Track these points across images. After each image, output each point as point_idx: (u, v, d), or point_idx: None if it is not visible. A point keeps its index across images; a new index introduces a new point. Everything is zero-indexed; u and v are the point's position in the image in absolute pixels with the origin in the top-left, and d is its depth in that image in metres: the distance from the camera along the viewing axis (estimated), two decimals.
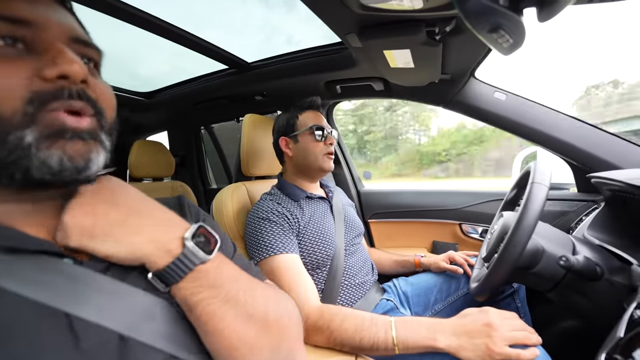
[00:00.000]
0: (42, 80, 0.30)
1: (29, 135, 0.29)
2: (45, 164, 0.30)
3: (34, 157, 0.29)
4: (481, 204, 1.41)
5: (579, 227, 0.95)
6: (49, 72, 0.30)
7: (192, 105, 1.78)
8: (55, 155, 0.30)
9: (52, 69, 0.30)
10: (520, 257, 0.63)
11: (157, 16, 1.03)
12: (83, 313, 0.32)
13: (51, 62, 0.30)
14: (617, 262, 0.66)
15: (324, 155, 0.99)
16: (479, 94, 1.18)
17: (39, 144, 0.29)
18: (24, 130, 0.29)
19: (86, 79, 0.33)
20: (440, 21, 0.76)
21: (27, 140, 0.29)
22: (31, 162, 0.29)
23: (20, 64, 0.30)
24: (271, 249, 0.80)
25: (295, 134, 1.00)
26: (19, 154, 0.29)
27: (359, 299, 0.94)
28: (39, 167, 0.29)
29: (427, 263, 1.10)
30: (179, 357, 0.36)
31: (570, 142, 1.06)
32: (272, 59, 1.35)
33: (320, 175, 1.04)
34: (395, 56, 0.91)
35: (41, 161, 0.29)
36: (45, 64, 0.30)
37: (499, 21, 0.38)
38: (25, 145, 0.29)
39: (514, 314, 0.64)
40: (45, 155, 0.29)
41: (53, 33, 0.32)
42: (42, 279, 0.31)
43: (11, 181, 0.30)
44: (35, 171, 0.29)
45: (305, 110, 1.03)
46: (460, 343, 0.60)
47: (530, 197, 0.65)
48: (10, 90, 0.28)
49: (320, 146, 0.99)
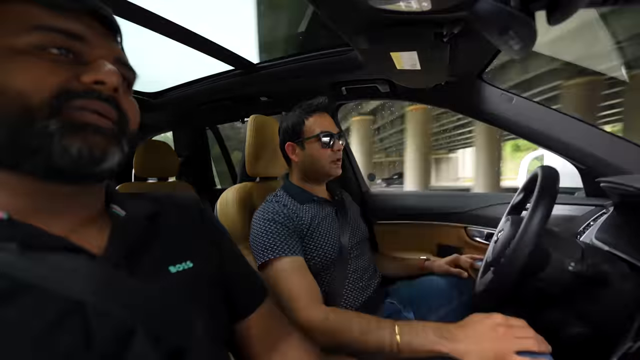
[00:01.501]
0: (78, 82, 0.34)
1: (53, 125, 0.32)
2: (66, 151, 0.32)
3: (57, 144, 0.32)
4: (487, 207, 1.39)
5: (586, 232, 0.94)
6: (87, 77, 0.34)
7: (197, 105, 1.79)
8: (75, 145, 0.33)
9: (90, 74, 0.34)
10: (527, 262, 0.62)
11: (164, 17, 1.04)
12: (97, 304, 0.33)
13: (90, 69, 0.35)
14: (626, 268, 0.65)
15: (332, 162, 0.97)
16: (486, 96, 1.17)
17: (62, 133, 0.32)
18: (49, 120, 0.32)
19: (118, 88, 0.36)
20: (448, 23, 0.75)
21: (51, 129, 0.32)
22: (53, 149, 0.32)
23: (63, 68, 0.34)
24: (276, 250, 0.80)
25: (302, 140, 0.98)
26: (43, 141, 0.32)
27: (363, 301, 0.93)
28: (60, 154, 0.32)
29: (432, 266, 1.09)
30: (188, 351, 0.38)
31: (579, 146, 1.05)
32: (278, 61, 1.35)
33: (327, 180, 1.04)
34: (401, 58, 0.91)
35: (63, 148, 0.32)
36: (84, 70, 0.34)
37: (509, 24, 0.38)
38: (48, 133, 0.32)
39: (522, 321, 0.63)
40: (67, 143, 0.32)
41: (100, 51, 0.37)
42: (59, 272, 0.33)
43: (33, 167, 0.33)
44: (56, 157, 0.32)
45: (312, 114, 1.00)
46: (466, 349, 0.59)
47: (538, 200, 0.64)
48: (42, 84, 0.32)
49: (327, 153, 0.96)
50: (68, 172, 0.34)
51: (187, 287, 0.43)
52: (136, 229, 0.42)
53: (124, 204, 0.45)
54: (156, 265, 0.41)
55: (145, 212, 0.46)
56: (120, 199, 0.45)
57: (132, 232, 0.41)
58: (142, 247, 0.42)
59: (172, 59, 1.49)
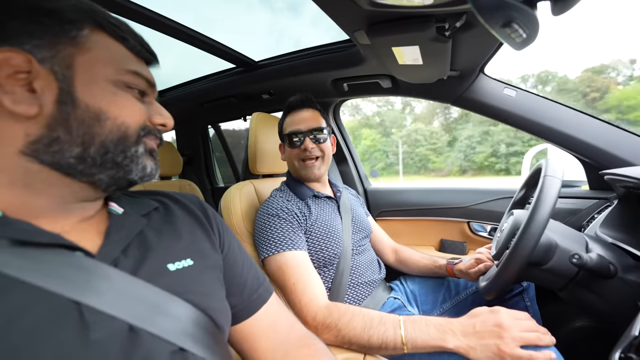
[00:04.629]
0: (151, 122, 0.43)
1: (141, 149, 0.41)
2: (143, 169, 0.42)
3: (140, 163, 0.41)
4: (489, 202, 1.39)
5: (591, 224, 0.94)
6: (158, 120, 0.44)
7: (199, 104, 1.79)
8: (150, 164, 0.43)
9: (160, 118, 0.44)
10: (534, 252, 0.62)
11: (166, 15, 1.04)
12: (94, 302, 0.33)
13: (159, 113, 0.44)
14: (630, 260, 0.65)
15: (301, 161, 0.96)
16: (488, 90, 1.16)
17: (145, 155, 0.42)
18: (138, 146, 0.40)
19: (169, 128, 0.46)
20: (450, 17, 0.75)
21: (140, 152, 0.41)
22: (136, 167, 0.41)
23: (143, 106, 0.42)
24: (280, 245, 0.81)
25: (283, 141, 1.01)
26: (132, 160, 0.40)
27: (366, 297, 0.94)
28: (139, 170, 0.41)
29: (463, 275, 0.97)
30: (188, 350, 0.38)
31: (582, 139, 1.04)
32: (280, 58, 1.35)
33: (310, 180, 0.99)
34: (403, 53, 0.91)
35: (142, 166, 0.41)
36: (154, 113, 0.44)
37: (512, 15, 0.37)
38: (138, 155, 0.40)
39: (525, 314, 0.63)
40: (147, 162, 0.42)
41: (155, 94, 0.46)
42: (54, 270, 0.33)
43: (109, 179, 0.39)
44: (134, 173, 0.41)
45: (288, 114, 0.99)
46: (470, 344, 0.60)
47: (544, 189, 0.64)
48: (137, 119, 0.40)
49: (295, 152, 0.96)
50: (132, 183, 0.42)
51: (187, 285, 0.42)
52: (133, 227, 0.42)
53: (122, 202, 0.45)
54: (154, 263, 0.41)
55: (143, 209, 0.46)
56: (118, 197, 0.46)
57: (129, 230, 0.42)
58: (140, 244, 0.42)
59: (174, 57, 1.49)
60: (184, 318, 0.39)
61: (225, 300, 0.48)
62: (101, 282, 0.35)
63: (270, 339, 0.53)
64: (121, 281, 0.36)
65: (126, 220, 0.43)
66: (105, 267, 0.36)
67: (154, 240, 0.43)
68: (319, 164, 0.96)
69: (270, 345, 0.53)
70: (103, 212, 0.43)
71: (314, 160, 0.95)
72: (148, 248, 0.42)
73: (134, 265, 0.39)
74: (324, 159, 0.98)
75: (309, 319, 0.72)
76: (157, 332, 0.36)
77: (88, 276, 0.34)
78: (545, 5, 0.37)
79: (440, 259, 1.05)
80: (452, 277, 1.01)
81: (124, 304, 0.35)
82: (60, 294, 0.32)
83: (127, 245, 0.40)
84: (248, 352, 0.53)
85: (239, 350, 0.54)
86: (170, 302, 0.39)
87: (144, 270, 0.39)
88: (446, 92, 1.23)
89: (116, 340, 0.33)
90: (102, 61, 0.37)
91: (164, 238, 0.44)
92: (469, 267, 0.94)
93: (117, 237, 0.40)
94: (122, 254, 0.39)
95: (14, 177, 0.34)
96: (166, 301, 0.39)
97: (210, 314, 0.43)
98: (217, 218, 0.55)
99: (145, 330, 0.35)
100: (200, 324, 0.41)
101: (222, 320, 0.46)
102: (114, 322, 0.34)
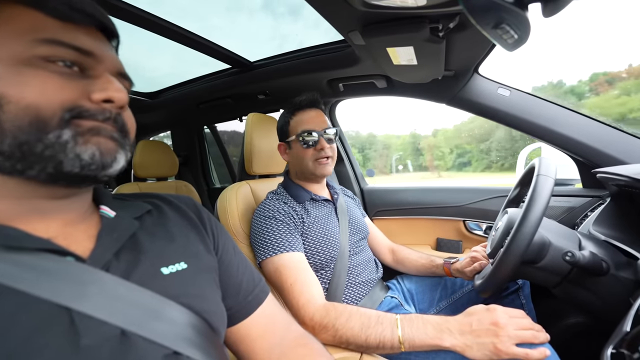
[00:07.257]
0: (88, 100, 0.35)
1: (67, 134, 0.33)
2: (78, 157, 0.34)
3: (70, 151, 0.33)
4: (484, 200, 1.40)
5: (584, 222, 0.95)
6: (98, 95, 0.35)
7: (195, 105, 1.79)
8: (89, 150, 0.34)
9: (101, 93, 0.35)
10: (527, 250, 0.63)
11: (160, 16, 1.03)
12: (84, 308, 0.32)
13: (100, 87, 0.36)
14: (623, 257, 0.66)
15: (315, 161, 0.95)
16: (482, 90, 1.17)
17: (76, 140, 0.34)
18: (62, 130, 0.33)
19: (124, 106, 0.38)
20: (443, 18, 0.75)
21: (65, 138, 0.33)
22: (66, 156, 0.33)
23: (72, 82, 0.34)
24: (277, 247, 0.81)
25: (289, 140, 0.98)
26: (56, 149, 0.33)
27: (364, 296, 0.94)
28: (72, 160, 0.33)
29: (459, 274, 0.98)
30: (182, 354, 0.37)
31: (575, 138, 1.06)
32: (275, 58, 1.35)
33: (320, 179, 1.01)
34: (398, 53, 0.91)
35: (75, 155, 0.34)
36: (95, 88, 0.35)
37: (503, 17, 0.38)
38: (62, 142, 0.33)
39: (521, 312, 0.64)
40: (81, 149, 0.34)
41: (106, 65, 0.38)
42: (43, 276, 0.32)
43: (40, 173, 0.33)
44: (67, 164, 0.33)
45: (296, 113, 0.98)
46: (466, 342, 0.60)
47: (537, 188, 0.64)
48: (53, 98, 0.33)
49: (310, 152, 0.95)
50: (75, 176, 0.34)
51: (181, 288, 0.41)
52: (125, 230, 0.41)
53: (115, 205, 0.44)
54: (147, 266, 0.40)
55: (135, 213, 0.44)
56: (110, 200, 0.44)
57: (121, 233, 0.40)
58: (132, 248, 0.40)
59: (169, 58, 1.49)
60: (179, 321, 0.38)
61: (220, 303, 0.48)
62: (92, 287, 0.34)
63: (266, 339, 0.53)
64: (113, 285, 0.35)
65: (118, 223, 0.41)
66: (96, 271, 0.35)
67: (146, 244, 0.42)
68: (330, 163, 0.98)
69: (266, 346, 0.53)
70: (94, 216, 0.42)
71: (327, 159, 0.96)
72: (141, 251, 0.40)
73: (126, 269, 0.38)
74: (334, 159, 0.99)
75: (306, 319, 0.72)
76: (151, 336, 0.35)
77: (78, 281, 0.33)
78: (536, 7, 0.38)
79: (437, 259, 1.06)
80: (449, 276, 1.02)
81: (115, 309, 0.34)
82: (50, 300, 0.31)
83: (119, 248, 0.39)
84: (244, 353, 0.52)
85: (235, 352, 0.53)
86: (164, 305, 0.38)
87: (137, 274, 0.38)
88: (441, 92, 1.24)
89: (107, 346, 0.32)
90: (4, 37, 0.32)
91: (157, 241, 0.43)
92: (464, 265, 0.95)
93: (108, 241, 0.38)
94: (114, 257, 0.38)
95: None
96: (160, 305, 0.38)
97: (206, 317, 0.42)
98: (212, 220, 0.54)
99: (138, 334, 0.34)
100: (196, 327, 0.40)
101: (217, 322, 0.45)
102: (105, 327, 0.33)
